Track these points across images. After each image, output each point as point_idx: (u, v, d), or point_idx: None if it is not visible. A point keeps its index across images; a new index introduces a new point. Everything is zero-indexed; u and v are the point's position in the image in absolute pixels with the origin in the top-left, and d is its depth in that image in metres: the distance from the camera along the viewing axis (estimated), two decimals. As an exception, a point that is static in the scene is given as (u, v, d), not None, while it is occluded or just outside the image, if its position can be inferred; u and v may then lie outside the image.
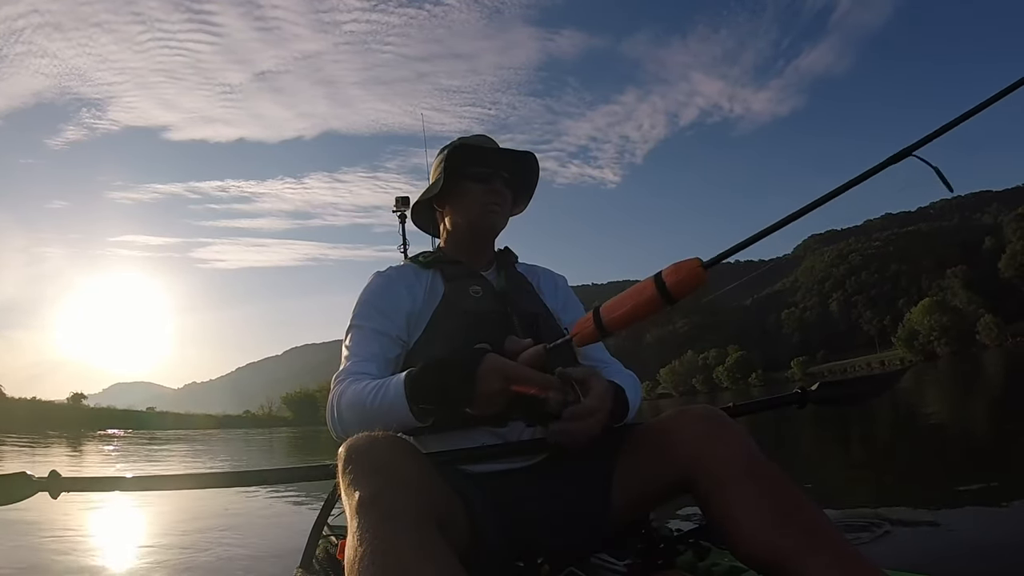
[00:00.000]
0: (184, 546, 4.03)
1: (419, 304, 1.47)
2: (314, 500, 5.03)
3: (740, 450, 1.11)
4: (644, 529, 1.40)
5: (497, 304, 1.47)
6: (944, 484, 4.40)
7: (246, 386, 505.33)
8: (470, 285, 1.50)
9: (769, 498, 1.04)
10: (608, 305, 1.11)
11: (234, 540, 4.24)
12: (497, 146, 1.58)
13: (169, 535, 4.47)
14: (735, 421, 1.20)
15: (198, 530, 4.56)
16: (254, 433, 38.90)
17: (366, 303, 1.49)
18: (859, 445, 7.66)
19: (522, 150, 1.57)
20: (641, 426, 1.30)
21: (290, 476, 1.48)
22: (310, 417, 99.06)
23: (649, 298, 1.05)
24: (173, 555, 3.76)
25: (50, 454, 15.31)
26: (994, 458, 5.34)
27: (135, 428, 47.71)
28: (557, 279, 1.71)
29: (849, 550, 0.98)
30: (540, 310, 1.52)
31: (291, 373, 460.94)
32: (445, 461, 1.23)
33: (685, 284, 1.02)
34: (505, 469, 1.31)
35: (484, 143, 1.58)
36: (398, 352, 1.44)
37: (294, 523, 4.74)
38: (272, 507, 5.71)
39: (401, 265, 1.60)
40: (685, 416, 1.21)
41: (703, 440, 1.14)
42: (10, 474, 1.39)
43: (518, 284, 1.59)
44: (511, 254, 1.68)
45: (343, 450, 1.05)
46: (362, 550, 0.87)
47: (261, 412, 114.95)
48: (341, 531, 1.49)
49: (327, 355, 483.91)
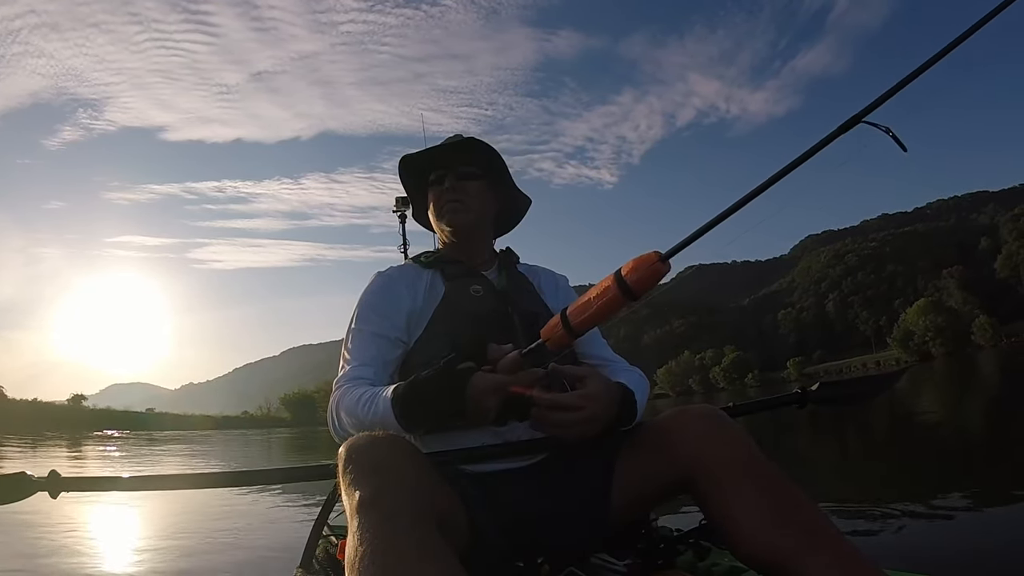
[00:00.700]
0: (184, 546, 4.04)
1: (420, 304, 1.47)
2: (314, 500, 5.03)
3: (740, 450, 1.12)
4: (644, 529, 1.40)
5: (497, 304, 1.47)
6: (943, 485, 4.41)
7: (243, 387, 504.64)
8: (471, 285, 1.50)
9: (769, 498, 1.05)
10: (574, 306, 1.09)
11: (234, 540, 4.26)
12: (436, 147, 1.58)
13: (169, 535, 4.48)
14: (735, 421, 1.21)
15: (198, 530, 4.56)
16: (253, 434, 38.89)
17: (366, 305, 1.50)
18: (854, 445, 7.68)
19: (454, 138, 1.58)
20: (641, 425, 1.30)
21: (290, 476, 1.48)
22: (308, 418, 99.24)
23: (611, 296, 1.03)
24: (173, 555, 3.76)
25: (50, 455, 15.37)
26: (989, 459, 5.37)
27: (136, 429, 48.11)
28: (558, 279, 1.71)
29: (849, 550, 0.98)
30: (540, 310, 1.52)
31: (288, 374, 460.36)
32: (445, 461, 1.24)
33: (644, 279, 1.00)
34: (505, 469, 1.31)
35: (422, 151, 1.58)
36: (398, 353, 1.44)
37: (294, 523, 4.77)
38: (272, 507, 5.71)
39: (402, 265, 1.61)
40: (685, 416, 1.22)
41: (703, 440, 1.14)
42: (10, 474, 1.39)
43: (519, 284, 1.59)
44: (512, 254, 1.68)
45: (343, 450, 1.05)
46: (362, 550, 0.87)
47: (260, 413, 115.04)
48: (341, 531, 1.48)
49: (324, 356, 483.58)
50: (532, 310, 1.49)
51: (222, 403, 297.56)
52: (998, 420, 8.58)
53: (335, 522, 1.67)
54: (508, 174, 1.60)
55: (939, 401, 11.29)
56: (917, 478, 4.94)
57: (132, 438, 29.01)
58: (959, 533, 3.02)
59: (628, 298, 1.02)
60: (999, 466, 4.85)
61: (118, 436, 31.99)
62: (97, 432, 38.08)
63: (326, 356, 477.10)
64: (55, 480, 1.38)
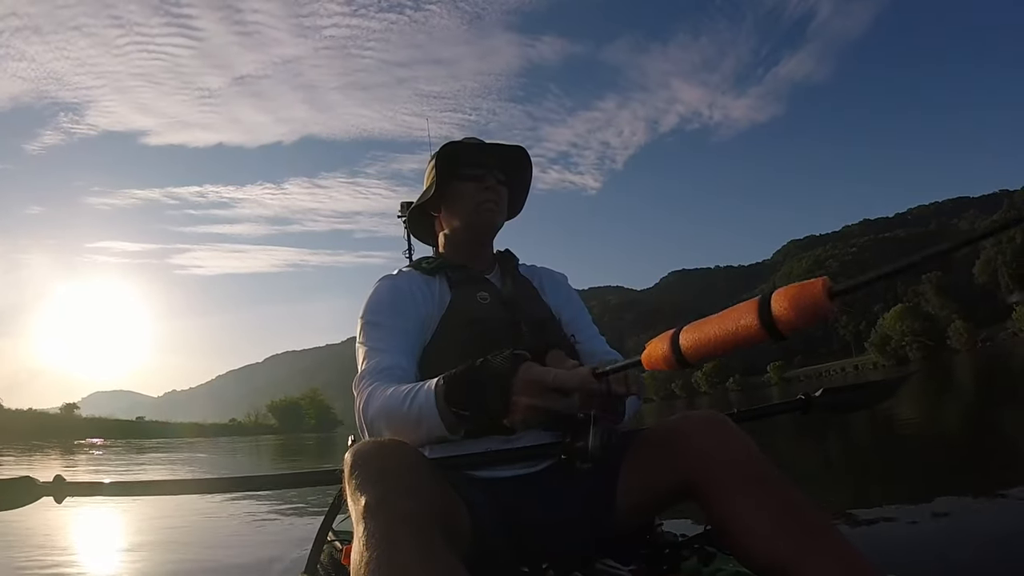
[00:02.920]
0: (189, 550, 4.03)
1: (427, 310, 1.43)
2: (320, 505, 5.01)
3: (744, 455, 1.12)
4: (649, 534, 1.40)
5: (505, 311, 1.45)
6: (943, 484, 4.45)
7: (227, 394, 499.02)
8: (477, 291, 1.48)
9: (773, 503, 1.05)
10: (691, 328, 0.87)
11: (239, 544, 4.26)
12: (494, 144, 1.56)
13: (173, 540, 4.46)
14: (738, 427, 1.20)
15: (203, 535, 4.57)
16: (242, 441, 38.77)
17: (379, 303, 1.43)
18: (839, 449, 7.73)
19: (512, 144, 1.56)
20: (645, 431, 1.30)
21: (296, 481, 1.47)
22: (295, 424, 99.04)
23: (747, 329, 0.79)
24: (178, 559, 3.75)
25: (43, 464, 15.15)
26: (973, 461, 5.43)
27: (128, 437, 48.38)
28: (557, 277, 1.70)
29: (853, 554, 0.99)
30: (547, 316, 1.52)
31: (272, 381, 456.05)
32: (450, 466, 1.22)
33: (799, 317, 0.74)
34: (510, 475, 1.30)
35: (472, 141, 1.57)
36: (419, 349, 1.39)
37: (299, 528, 4.74)
38: (277, 511, 5.67)
39: (405, 270, 1.56)
40: (689, 421, 1.22)
41: (707, 445, 1.14)
42: (15, 479, 1.38)
43: (524, 289, 1.57)
44: (512, 256, 1.66)
45: (349, 455, 1.04)
46: (368, 555, 0.87)
47: (248, 420, 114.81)
48: (347, 536, 1.48)
49: (308, 362, 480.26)
50: (539, 317, 1.48)
51: (206, 411, 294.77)
52: (974, 420, 8.68)
53: (340, 527, 1.67)
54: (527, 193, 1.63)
55: (916, 404, 11.34)
56: (916, 478, 4.96)
57: (118, 446, 28.64)
58: (962, 537, 3.01)
59: (772, 337, 0.77)
60: (994, 468, 4.90)
61: (101, 444, 31.61)
62: (79, 441, 37.72)
63: (310, 363, 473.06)
64: (60, 485, 1.38)
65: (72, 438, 41.14)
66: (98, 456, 19.22)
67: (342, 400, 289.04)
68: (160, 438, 49.35)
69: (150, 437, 52.03)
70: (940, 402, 10.99)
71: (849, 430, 8.83)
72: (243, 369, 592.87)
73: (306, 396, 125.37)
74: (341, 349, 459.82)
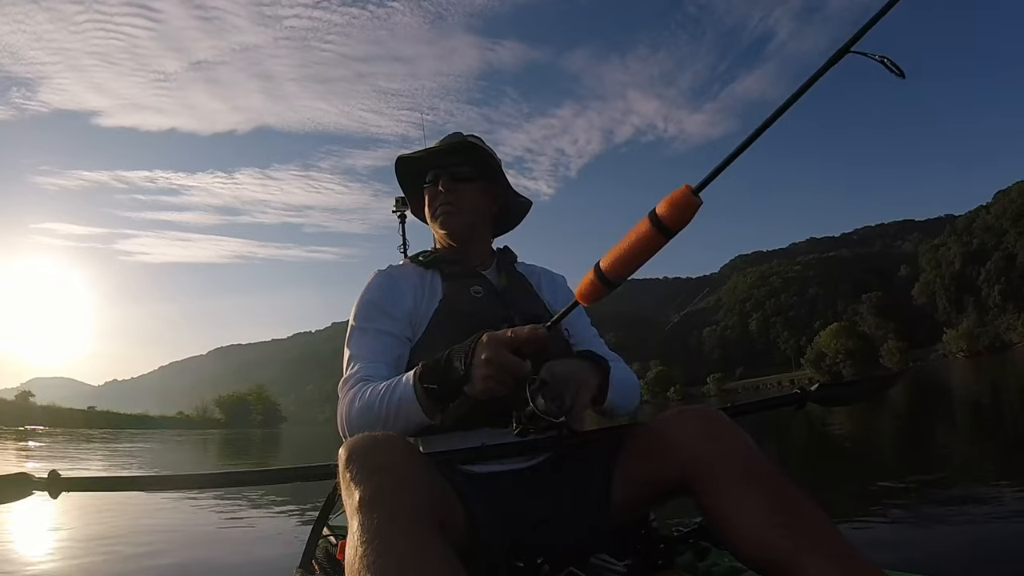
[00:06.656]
0: (183, 546, 4.00)
1: (420, 303, 1.48)
2: (314, 500, 4.99)
3: (739, 450, 1.12)
4: (644, 529, 1.40)
5: (498, 305, 1.48)
6: (941, 485, 4.60)
7: (170, 385, 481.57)
8: (471, 285, 1.51)
9: (769, 498, 1.05)
10: (607, 256, 1.04)
11: (233, 540, 4.24)
12: (433, 148, 1.58)
13: (168, 535, 4.40)
14: (733, 421, 1.21)
15: (197, 530, 4.55)
16: (190, 434, 37.77)
17: (368, 303, 1.48)
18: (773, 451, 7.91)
19: (453, 140, 1.58)
20: (640, 426, 1.31)
21: (290, 476, 1.47)
22: (242, 419, 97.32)
23: (646, 235, 0.98)
24: (172, 555, 3.71)
25: None
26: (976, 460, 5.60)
27: (76, 427, 47.46)
28: (556, 278, 1.73)
29: (848, 550, 0.99)
30: (540, 310, 1.53)
31: (216, 374, 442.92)
32: (445, 461, 1.23)
33: (679, 215, 0.95)
34: (505, 469, 1.32)
35: (419, 151, 1.60)
36: (404, 352, 1.43)
37: (294, 523, 4.73)
38: (271, 507, 5.62)
39: (402, 264, 1.61)
40: (684, 416, 1.22)
41: (702, 440, 1.14)
42: (10, 474, 1.34)
43: (518, 284, 1.60)
44: (510, 253, 1.69)
45: (343, 450, 1.04)
46: (362, 550, 0.87)
47: (195, 414, 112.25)
48: (341, 531, 1.45)
49: (253, 355, 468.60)
50: (532, 311, 1.49)
51: (148, 402, 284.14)
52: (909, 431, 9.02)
53: (335, 522, 1.66)
54: (503, 176, 1.61)
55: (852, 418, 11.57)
56: (913, 478, 5.05)
57: (58, 435, 27.62)
58: (957, 532, 3.10)
59: (665, 236, 0.97)
60: (984, 468, 5.07)
61: (42, 432, 30.48)
62: (19, 427, 36.33)
63: (255, 356, 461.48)
64: (55, 480, 1.33)
65: (24, 425, 40.38)
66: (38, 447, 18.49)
67: (287, 395, 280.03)
68: (97, 428, 47.96)
69: (107, 427, 50.90)
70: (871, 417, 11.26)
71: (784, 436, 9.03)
72: (186, 361, 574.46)
73: (252, 392, 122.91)
74: (287, 344, 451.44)
